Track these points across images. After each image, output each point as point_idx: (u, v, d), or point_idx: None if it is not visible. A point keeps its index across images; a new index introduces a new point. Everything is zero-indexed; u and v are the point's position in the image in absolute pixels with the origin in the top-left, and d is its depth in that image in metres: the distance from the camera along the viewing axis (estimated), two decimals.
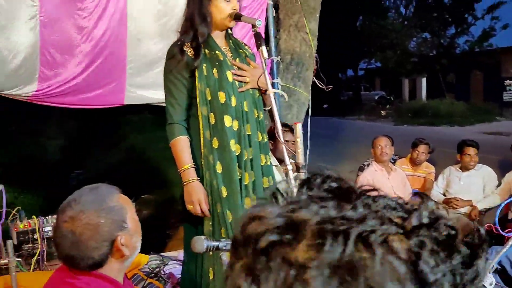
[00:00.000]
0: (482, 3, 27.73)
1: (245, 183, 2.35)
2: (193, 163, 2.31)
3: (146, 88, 3.89)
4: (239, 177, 2.34)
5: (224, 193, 2.31)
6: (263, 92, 2.46)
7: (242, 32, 3.90)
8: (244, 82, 2.38)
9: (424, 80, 30.13)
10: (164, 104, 4.06)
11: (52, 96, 3.52)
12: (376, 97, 28.25)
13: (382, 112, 22.59)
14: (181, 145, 2.33)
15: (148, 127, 12.58)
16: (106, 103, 3.83)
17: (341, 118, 23.64)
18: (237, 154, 2.34)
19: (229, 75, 2.35)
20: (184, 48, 2.34)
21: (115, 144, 10.74)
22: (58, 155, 9.99)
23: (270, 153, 2.56)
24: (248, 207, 2.19)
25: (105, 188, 1.46)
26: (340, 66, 30.47)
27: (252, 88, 2.41)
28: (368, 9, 29.12)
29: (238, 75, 2.37)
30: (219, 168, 2.31)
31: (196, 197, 2.28)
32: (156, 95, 3.94)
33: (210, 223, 2.31)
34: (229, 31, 2.51)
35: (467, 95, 25.08)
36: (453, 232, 0.47)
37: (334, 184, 0.51)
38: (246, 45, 2.65)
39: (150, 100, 4.03)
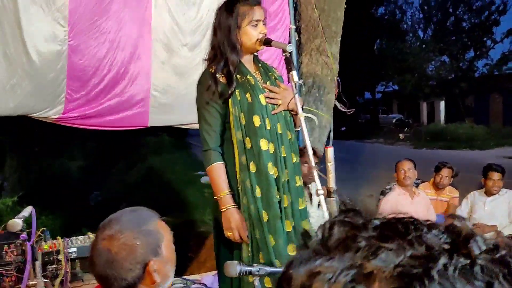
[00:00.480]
0: (501, 27, 27.77)
1: (284, 206, 2.35)
2: (230, 189, 2.32)
3: (169, 110, 3.94)
4: (278, 200, 2.33)
5: (265, 218, 2.30)
6: (294, 114, 2.48)
7: (266, 54, 3.93)
8: (276, 105, 2.40)
9: (442, 104, 29.97)
10: (184, 126, 4.14)
11: (78, 119, 3.58)
12: (394, 120, 28.11)
13: (400, 135, 22.46)
14: (217, 171, 2.35)
15: (167, 149, 12.69)
16: (131, 125, 3.88)
17: (359, 141, 23.54)
18: (275, 177, 2.35)
19: (262, 99, 2.38)
20: (217, 76, 2.37)
21: (134, 165, 10.83)
22: (79, 175, 10.10)
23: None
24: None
25: (146, 212, 1.47)
26: (358, 89, 30.44)
27: (283, 110, 2.43)
28: (386, 32, 29.26)
29: (271, 98, 2.39)
30: (258, 193, 2.32)
31: (235, 224, 2.29)
32: (178, 117, 3.98)
33: (249, 249, 2.31)
34: (256, 54, 2.55)
35: (486, 118, 24.85)
36: None
37: (378, 222, 0.50)
38: (273, 67, 2.68)
39: (172, 122, 4.08)
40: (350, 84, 24.24)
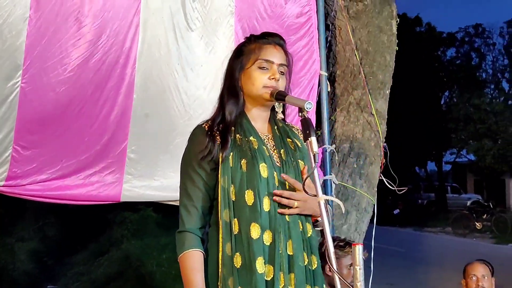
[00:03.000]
0: None
1: None
2: None
3: (150, 180, 3.95)
4: None
5: None
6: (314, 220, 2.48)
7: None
8: (288, 206, 2.36)
9: None
10: (174, 203, 4.13)
11: (28, 188, 3.61)
12: (469, 203, 27.79)
13: (477, 224, 22.09)
14: (192, 262, 2.31)
15: (150, 230, 12.63)
16: (96, 199, 3.88)
17: (419, 230, 23.23)
18: (266, 279, 2.28)
19: (263, 170, 2.35)
20: (213, 132, 2.40)
21: (104, 252, 10.77)
22: (29, 263, 10.07)
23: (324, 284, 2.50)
24: None
25: None
26: (418, 159, 30.46)
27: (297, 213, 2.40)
28: (458, 82, 29.56)
29: (285, 197, 2.35)
30: None
31: None
32: (164, 191, 3.98)
33: None
34: (278, 112, 2.54)
35: None
36: None
37: None
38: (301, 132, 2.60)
39: (154, 198, 4.06)
40: (405, 151, 24.39)
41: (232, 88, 2.44)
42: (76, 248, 11.48)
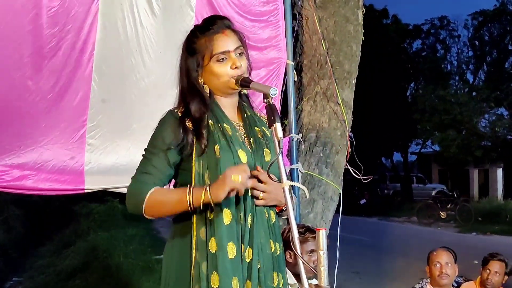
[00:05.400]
0: None
1: None
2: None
3: (110, 165, 3.94)
4: None
5: None
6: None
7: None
8: (255, 197, 2.39)
9: (500, 172, 30.17)
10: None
11: None
12: (434, 193, 28.15)
13: (441, 213, 22.39)
14: (161, 191, 2.35)
15: (117, 222, 12.57)
16: (59, 189, 3.86)
17: (384, 219, 23.49)
18: (246, 260, 2.33)
19: (242, 155, 2.39)
20: (185, 120, 2.40)
21: (70, 244, 10.69)
22: None
23: (286, 270, 2.53)
24: None
25: None
26: (384, 149, 30.74)
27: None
28: (424, 73, 29.88)
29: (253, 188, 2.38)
30: (214, 282, 2.29)
31: (232, 170, 2.24)
32: (124, 175, 3.95)
33: None
34: (246, 92, 2.57)
35: None
36: None
37: None
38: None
39: (117, 183, 4.03)
40: (371, 142, 24.59)
41: (192, 88, 2.45)
42: (41, 240, 11.37)
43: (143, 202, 2.33)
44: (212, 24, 2.48)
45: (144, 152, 2.46)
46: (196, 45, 2.46)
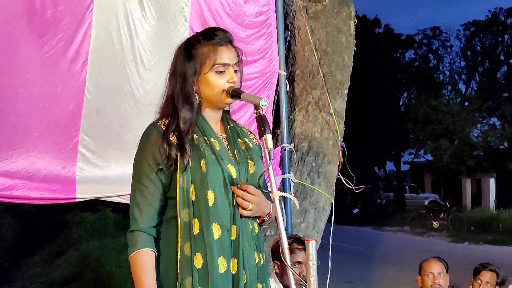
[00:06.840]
0: None
1: None
2: None
3: (103, 174, 3.93)
4: None
5: None
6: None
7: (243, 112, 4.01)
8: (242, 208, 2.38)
9: (492, 182, 30.25)
10: (125, 200, 4.09)
11: None
12: (426, 202, 28.20)
13: (434, 222, 22.43)
14: (145, 261, 2.30)
15: (110, 231, 12.48)
16: (51, 198, 3.84)
17: (377, 229, 23.48)
18: (232, 272, 2.33)
19: (232, 170, 2.37)
20: (169, 134, 2.37)
21: (61, 253, 10.62)
22: None
23: (272, 280, 2.52)
24: None
25: None
26: (377, 159, 30.80)
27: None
28: (416, 83, 29.96)
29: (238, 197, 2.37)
30: None
31: None
32: (116, 184, 3.95)
33: None
34: (228, 109, 2.56)
35: None
36: None
37: None
38: (251, 132, 2.65)
39: (108, 192, 4.02)
40: (364, 151, 24.63)
41: (186, 93, 2.41)
42: (33, 249, 11.29)
43: (131, 253, 2.33)
44: (217, 36, 2.45)
45: (133, 182, 2.42)
46: (197, 51, 2.42)
